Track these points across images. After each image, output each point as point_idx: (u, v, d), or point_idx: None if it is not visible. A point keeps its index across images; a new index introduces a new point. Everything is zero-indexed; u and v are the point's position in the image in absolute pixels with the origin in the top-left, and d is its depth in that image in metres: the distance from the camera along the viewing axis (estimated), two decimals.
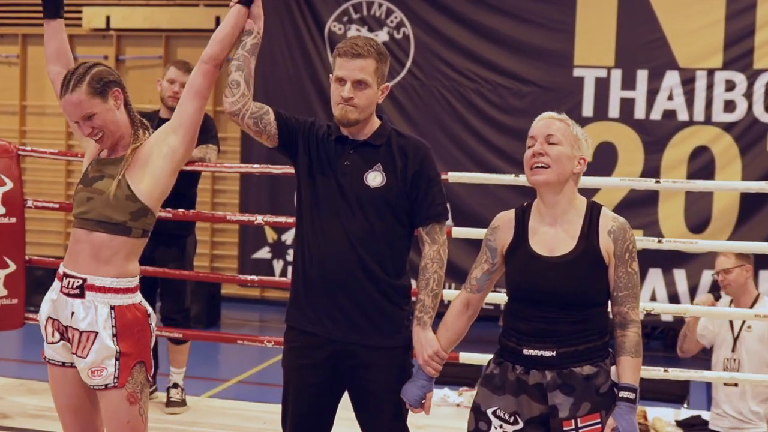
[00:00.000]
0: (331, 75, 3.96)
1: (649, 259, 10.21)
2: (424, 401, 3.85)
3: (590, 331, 3.58)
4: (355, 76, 3.84)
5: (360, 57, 3.85)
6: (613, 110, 10.79)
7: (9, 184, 6.28)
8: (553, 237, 3.65)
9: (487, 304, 5.38)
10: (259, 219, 6.23)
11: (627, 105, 10.75)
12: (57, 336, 3.86)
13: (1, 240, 6.27)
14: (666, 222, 10.61)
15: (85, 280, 3.78)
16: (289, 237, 11.59)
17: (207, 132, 6.20)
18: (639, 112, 10.74)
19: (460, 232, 6.08)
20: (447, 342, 3.90)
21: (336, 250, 3.87)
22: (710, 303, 6.44)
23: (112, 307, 3.78)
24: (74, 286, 3.79)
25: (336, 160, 3.93)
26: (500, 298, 6.47)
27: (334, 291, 3.89)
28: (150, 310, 3.91)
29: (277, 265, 11.69)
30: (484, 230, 3.86)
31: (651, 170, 10.62)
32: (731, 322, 6.37)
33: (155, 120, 6.29)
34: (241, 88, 3.95)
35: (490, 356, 5.68)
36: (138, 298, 3.87)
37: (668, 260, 10.32)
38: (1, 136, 13.73)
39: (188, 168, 6.00)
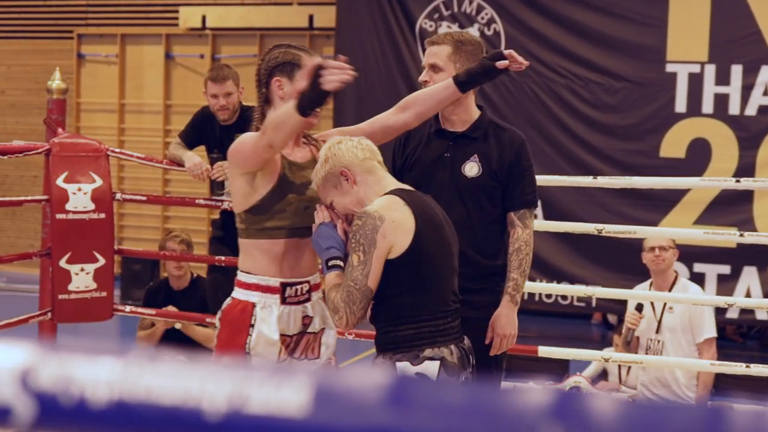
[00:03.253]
0: None
1: (743, 256, 10.08)
2: None
3: (381, 321, 3.55)
4: (428, 61, 4.30)
5: (434, 44, 4.32)
6: (707, 106, 10.64)
7: (98, 181, 6.43)
8: None
9: (579, 300, 5.46)
10: None
11: (721, 100, 10.60)
12: (284, 354, 3.78)
13: (91, 235, 6.41)
14: (761, 219, 10.42)
15: (308, 282, 3.85)
16: None
17: None
18: (733, 108, 10.57)
19: (549, 225, 6.09)
20: None
21: None
22: (640, 316, 6.56)
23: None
24: (304, 292, 3.82)
25: (435, 152, 4.34)
26: (592, 291, 6.47)
27: None
28: None
29: None
30: (572, 223, 3.99)
31: (746, 167, 10.46)
32: (653, 305, 6.51)
33: (216, 127, 6.36)
34: None
35: (572, 350, 5.67)
36: None
37: (763, 258, 10.15)
38: (100, 133, 14.16)
39: None
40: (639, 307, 6.60)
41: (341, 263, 3.57)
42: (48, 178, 6.47)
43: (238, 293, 3.74)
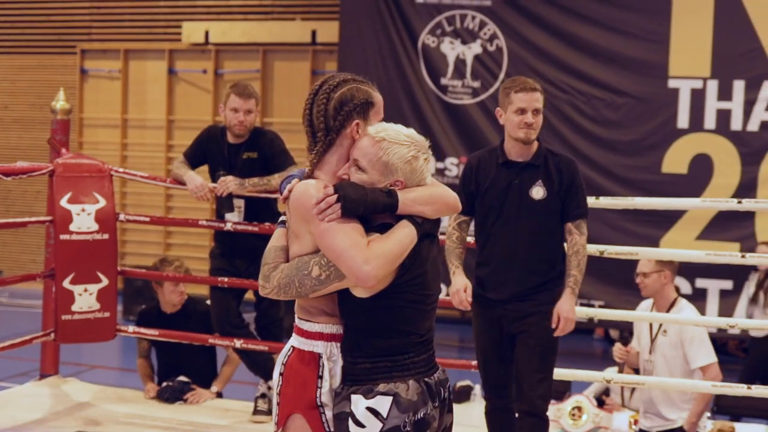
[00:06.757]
0: (498, 109, 5.27)
1: (746, 271, 10.05)
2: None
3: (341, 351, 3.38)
4: (534, 106, 5.12)
5: (535, 90, 5.13)
6: (709, 122, 10.64)
7: (102, 202, 6.45)
8: None
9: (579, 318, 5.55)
10: None
11: (723, 116, 10.60)
12: None
13: (95, 256, 6.43)
14: (763, 234, 10.41)
15: None
16: None
17: (282, 155, 6.26)
18: (736, 124, 10.57)
19: None
20: None
21: (510, 251, 5.14)
22: (626, 351, 6.71)
23: None
24: None
25: (505, 180, 5.17)
26: (594, 312, 6.46)
27: (509, 278, 5.15)
28: None
29: None
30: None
31: (748, 182, 10.45)
32: (651, 324, 6.55)
33: (224, 146, 6.34)
34: None
35: (574, 371, 5.69)
36: None
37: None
38: (103, 148, 14.19)
39: (276, 196, 6.16)
40: (625, 341, 6.68)
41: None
42: (52, 198, 6.49)
43: (299, 343, 3.38)
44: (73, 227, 6.33)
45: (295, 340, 3.40)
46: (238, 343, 6.27)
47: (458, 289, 5.21)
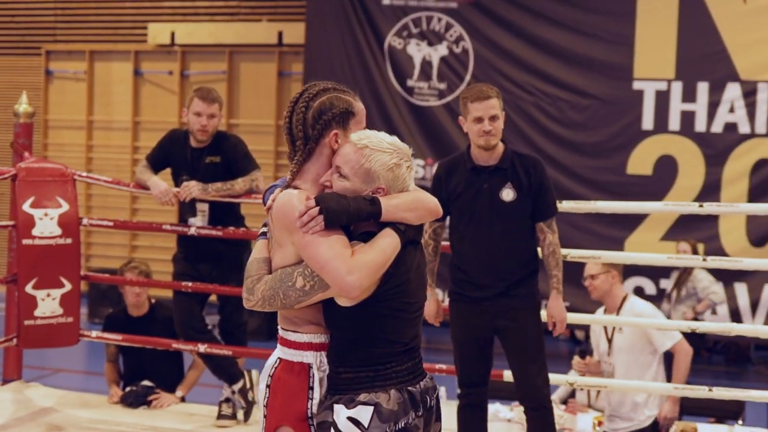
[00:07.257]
0: (461, 117, 5.37)
1: (710, 273, 10.14)
2: None
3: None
4: (490, 113, 5.21)
5: (489, 98, 5.22)
6: (674, 123, 10.72)
7: (65, 206, 6.40)
8: None
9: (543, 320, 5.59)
10: None
11: (687, 118, 10.68)
12: None
13: (58, 261, 6.38)
14: (727, 236, 10.52)
15: None
16: None
17: (245, 159, 6.25)
18: (700, 125, 10.65)
19: None
20: None
21: (484, 253, 5.28)
22: (584, 364, 6.73)
23: None
24: None
25: (475, 185, 5.30)
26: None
27: (486, 278, 5.29)
28: None
29: None
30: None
31: (712, 183, 10.54)
32: (605, 327, 6.64)
33: (187, 150, 6.31)
34: None
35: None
36: None
37: (729, 274, 10.22)
38: (68, 150, 14.11)
39: (239, 200, 6.19)
40: (583, 353, 6.72)
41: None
42: (14, 203, 6.45)
43: (286, 354, 3.33)
44: (36, 232, 6.29)
45: (281, 352, 3.36)
46: (202, 347, 6.25)
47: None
